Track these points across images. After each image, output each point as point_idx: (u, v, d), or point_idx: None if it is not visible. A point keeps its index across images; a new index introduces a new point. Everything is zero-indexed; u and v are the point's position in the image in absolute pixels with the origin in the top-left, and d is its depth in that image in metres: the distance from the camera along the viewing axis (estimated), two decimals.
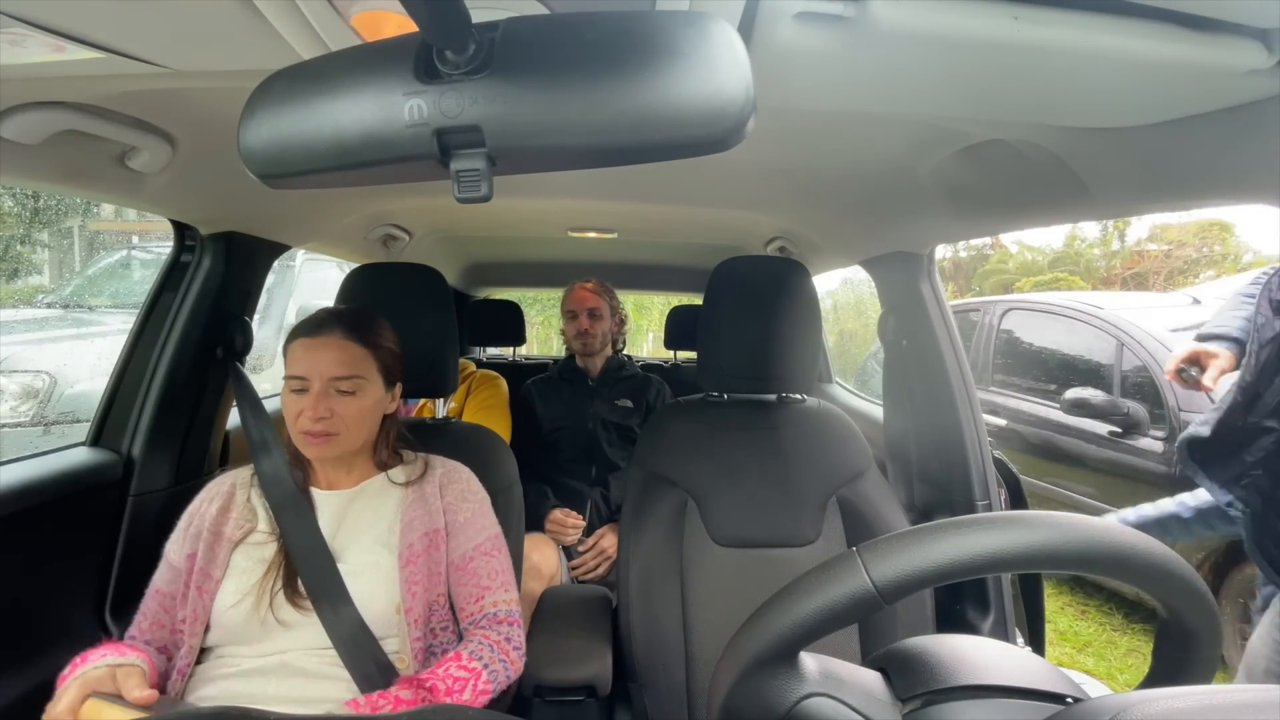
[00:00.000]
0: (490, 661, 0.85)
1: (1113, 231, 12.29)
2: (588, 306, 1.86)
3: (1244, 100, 0.61)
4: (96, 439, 1.20)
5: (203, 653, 0.86)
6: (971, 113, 0.74)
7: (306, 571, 0.85)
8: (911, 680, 0.45)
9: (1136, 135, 0.71)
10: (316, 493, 0.94)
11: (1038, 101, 0.68)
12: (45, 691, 0.78)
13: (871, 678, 0.46)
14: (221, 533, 0.89)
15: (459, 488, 0.99)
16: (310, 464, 0.96)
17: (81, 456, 1.15)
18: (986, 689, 0.43)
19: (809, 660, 0.45)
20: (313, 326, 0.90)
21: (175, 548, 0.90)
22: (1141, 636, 2.65)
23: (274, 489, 0.92)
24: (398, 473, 0.98)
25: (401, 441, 1.03)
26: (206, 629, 0.85)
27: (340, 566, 0.87)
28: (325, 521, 0.91)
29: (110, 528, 1.15)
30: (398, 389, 0.99)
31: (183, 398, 1.23)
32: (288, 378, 0.89)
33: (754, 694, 0.43)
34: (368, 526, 0.92)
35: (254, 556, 0.88)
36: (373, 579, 0.87)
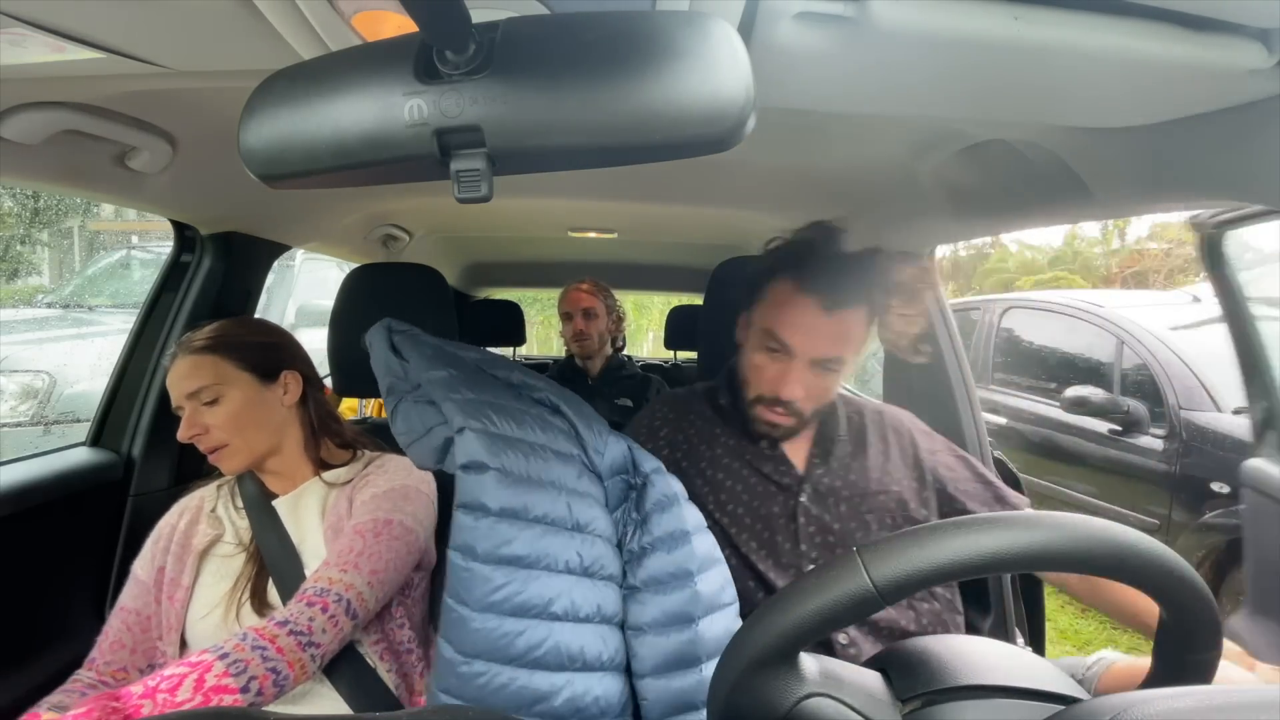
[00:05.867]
0: (234, 651, 0.67)
1: (1113, 230, 12.30)
2: (582, 307, 1.86)
3: (1244, 100, 0.61)
4: (96, 439, 1.20)
5: None
6: (971, 113, 0.74)
7: (279, 579, 0.85)
8: (911, 680, 0.45)
9: (1136, 135, 0.71)
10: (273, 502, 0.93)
11: (1038, 101, 0.68)
12: (45, 692, 0.78)
13: (871, 678, 0.46)
14: (190, 544, 0.89)
15: (372, 478, 0.92)
16: (255, 475, 0.94)
17: (81, 456, 1.15)
18: (986, 689, 0.43)
19: (809, 660, 0.45)
20: (169, 363, 0.89)
21: (143, 564, 0.89)
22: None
23: (248, 496, 0.92)
24: (334, 474, 0.94)
25: (362, 438, 1.01)
26: (184, 644, 0.85)
27: (306, 573, 0.86)
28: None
29: (110, 528, 1.15)
30: (288, 377, 0.93)
31: None
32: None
33: (754, 694, 0.43)
34: (309, 532, 0.90)
35: (223, 569, 0.87)
36: None
